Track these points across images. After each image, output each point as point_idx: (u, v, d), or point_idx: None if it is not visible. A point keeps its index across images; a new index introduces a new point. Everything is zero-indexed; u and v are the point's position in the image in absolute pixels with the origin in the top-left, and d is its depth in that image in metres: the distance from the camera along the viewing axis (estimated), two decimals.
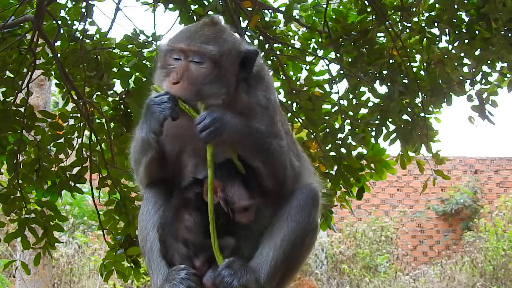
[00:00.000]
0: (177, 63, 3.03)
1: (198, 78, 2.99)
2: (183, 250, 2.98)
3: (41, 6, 5.35)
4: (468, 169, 19.33)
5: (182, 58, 3.02)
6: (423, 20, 6.48)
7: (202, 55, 3.00)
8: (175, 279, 2.92)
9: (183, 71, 2.99)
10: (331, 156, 6.48)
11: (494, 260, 16.92)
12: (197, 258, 2.98)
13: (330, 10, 6.65)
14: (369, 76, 6.40)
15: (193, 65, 3.00)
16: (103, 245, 14.72)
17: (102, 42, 6.01)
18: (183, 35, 3.06)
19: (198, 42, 3.01)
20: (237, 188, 2.98)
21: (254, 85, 3.18)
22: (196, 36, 3.03)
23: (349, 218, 17.95)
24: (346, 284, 17.00)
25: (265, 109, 3.15)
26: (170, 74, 3.02)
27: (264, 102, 3.16)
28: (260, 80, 3.21)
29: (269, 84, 3.27)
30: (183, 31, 3.12)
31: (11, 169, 5.74)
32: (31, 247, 6.03)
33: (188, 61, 3.01)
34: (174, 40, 3.07)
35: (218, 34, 3.07)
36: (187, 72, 2.99)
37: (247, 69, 3.12)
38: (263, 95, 3.19)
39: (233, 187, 2.98)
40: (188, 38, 3.03)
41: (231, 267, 2.90)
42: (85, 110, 5.97)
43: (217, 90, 3.02)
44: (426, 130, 6.36)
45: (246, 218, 3.01)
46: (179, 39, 3.06)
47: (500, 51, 5.96)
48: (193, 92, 2.97)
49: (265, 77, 3.26)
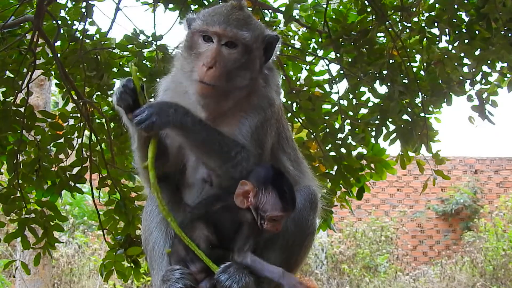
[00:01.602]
0: (208, 46, 3.02)
1: (230, 62, 2.99)
2: (182, 253, 2.97)
3: (41, 6, 5.35)
4: (468, 169, 19.32)
5: (215, 41, 3.01)
6: (423, 20, 6.47)
7: (236, 40, 3.00)
8: (171, 279, 2.92)
9: (216, 55, 2.98)
10: (331, 156, 6.48)
11: (494, 260, 16.92)
12: (194, 265, 2.95)
13: (330, 10, 6.65)
14: (369, 76, 6.40)
15: (225, 50, 3.00)
16: (103, 245, 14.72)
17: (102, 42, 6.01)
18: (217, 19, 3.03)
19: (233, 27, 3.00)
20: (270, 196, 2.90)
21: (269, 77, 3.20)
22: (230, 21, 3.02)
23: (349, 218, 17.94)
24: (346, 284, 17.00)
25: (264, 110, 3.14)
26: (201, 57, 3.00)
27: (269, 101, 3.17)
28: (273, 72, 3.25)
29: (276, 85, 3.30)
30: (216, 14, 3.07)
31: (11, 169, 5.74)
32: (31, 247, 6.03)
33: (220, 44, 3.00)
34: (208, 22, 3.03)
35: (248, 20, 3.09)
36: (219, 56, 2.98)
37: (268, 54, 3.15)
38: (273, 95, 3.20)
39: (266, 194, 2.90)
40: (223, 22, 3.00)
41: (227, 271, 2.87)
42: (85, 110, 5.96)
43: (245, 75, 3.04)
44: (426, 130, 6.36)
45: (274, 228, 2.92)
46: (213, 22, 3.02)
47: (500, 51, 5.96)
48: (224, 77, 2.98)
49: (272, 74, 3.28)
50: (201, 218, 2.99)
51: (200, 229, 2.95)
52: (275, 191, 2.89)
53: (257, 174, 2.95)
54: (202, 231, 2.94)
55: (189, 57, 3.06)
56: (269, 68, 3.25)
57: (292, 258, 3.13)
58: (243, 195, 2.92)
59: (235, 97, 3.07)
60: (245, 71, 3.04)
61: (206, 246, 2.93)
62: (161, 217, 3.13)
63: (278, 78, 3.39)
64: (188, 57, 3.07)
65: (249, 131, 3.08)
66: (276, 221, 2.91)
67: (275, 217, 2.89)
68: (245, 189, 2.91)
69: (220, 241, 2.94)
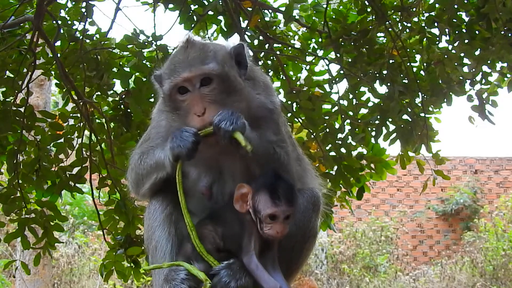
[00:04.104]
0: (186, 96, 2.97)
1: (216, 97, 2.95)
2: (189, 251, 2.95)
3: (41, 6, 5.35)
4: (468, 169, 19.32)
5: (189, 88, 2.97)
6: (423, 20, 6.48)
7: (207, 75, 2.95)
8: (175, 279, 2.88)
9: (201, 99, 2.94)
10: (331, 156, 6.48)
11: (494, 260, 16.92)
12: (198, 263, 2.92)
13: (330, 10, 6.65)
14: (369, 76, 6.40)
15: (204, 89, 2.95)
16: (103, 245, 14.72)
17: (102, 42, 6.01)
18: (180, 67, 2.98)
19: (197, 65, 2.95)
20: (263, 195, 2.87)
21: (256, 81, 3.17)
22: (191, 62, 2.97)
23: (349, 218, 17.94)
24: (346, 284, 17.00)
25: (271, 114, 3.14)
26: (188, 109, 2.96)
27: (270, 106, 3.15)
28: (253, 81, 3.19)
29: (266, 85, 3.25)
30: (176, 64, 3.02)
31: (11, 169, 5.74)
32: (31, 247, 6.03)
33: (197, 88, 2.96)
34: (174, 75, 2.98)
35: (205, 49, 3.03)
36: (204, 99, 2.94)
37: (243, 65, 3.10)
38: (267, 98, 3.17)
39: (260, 194, 2.88)
40: (186, 67, 2.96)
41: (230, 268, 2.85)
42: (85, 110, 5.96)
43: (236, 96, 3.00)
44: (426, 130, 6.36)
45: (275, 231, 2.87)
46: (178, 72, 2.97)
47: (500, 51, 5.96)
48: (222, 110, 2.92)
49: (257, 78, 3.23)
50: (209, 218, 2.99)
51: (207, 229, 2.95)
52: (268, 189, 2.88)
53: (256, 178, 2.94)
54: (210, 232, 2.94)
55: (178, 117, 3.02)
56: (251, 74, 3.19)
57: (293, 260, 3.12)
58: (241, 199, 2.91)
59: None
60: (235, 94, 2.99)
61: (212, 248, 2.92)
62: (165, 216, 3.12)
63: (265, 77, 3.33)
64: (177, 118, 3.02)
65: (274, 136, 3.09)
66: (275, 223, 2.86)
67: (270, 215, 2.85)
68: (242, 192, 2.90)
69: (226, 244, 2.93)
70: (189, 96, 2.96)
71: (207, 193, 3.11)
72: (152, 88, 3.43)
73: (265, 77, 3.33)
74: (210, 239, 2.94)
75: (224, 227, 2.94)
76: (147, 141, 3.26)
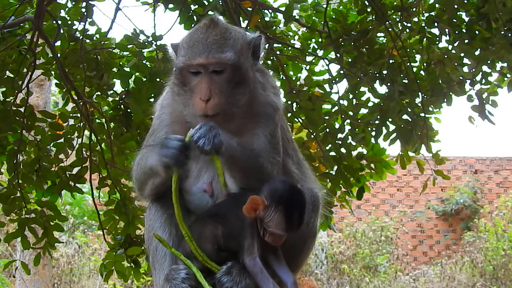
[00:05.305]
0: (197, 78, 2.98)
1: (224, 86, 2.96)
2: (188, 249, 2.95)
3: (41, 6, 5.36)
4: (468, 169, 19.32)
5: (202, 71, 2.97)
6: (423, 20, 6.47)
7: (222, 64, 2.95)
8: (176, 279, 2.90)
9: (209, 86, 2.94)
10: (331, 156, 6.48)
11: (494, 260, 16.92)
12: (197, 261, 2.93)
13: (330, 10, 6.65)
14: (369, 76, 6.40)
15: (215, 76, 2.96)
16: (103, 245, 14.72)
17: (102, 42, 6.01)
18: (197, 49, 2.97)
19: (215, 52, 2.94)
20: (278, 215, 2.85)
21: (264, 80, 3.17)
22: (209, 47, 2.96)
23: (349, 218, 17.94)
24: (346, 284, 17.00)
25: (272, 114, 3.13)
26: (195, 91, 2.97)
27: (273, 107, 3.15)
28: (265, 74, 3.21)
29: (273, 85, 3.26)
30: (195, 44, 3.00)
31: (11, 169, 5.74)
32: (31, 247, 6.03)
33: (209, 73, 2.96)
34: (190, 56, 2.98)
35: (226, 35, 3.02)
36: (213, 85, 2.94)
37: (257, 57, 3.12)
38: (272, 97, 3.17)
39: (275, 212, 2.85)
40: (203, 51, 2.95)
41: (230, 273, 2.86)
42: (85, 110, 5.96)
43: (244, 89, 3.01)
44: (426, 130, 6.35)
45: (274, 242, 2.89)
46: (194, 54, 2.97)
47: (500, 51, 5.96)
48: (225, 102, 2.95)
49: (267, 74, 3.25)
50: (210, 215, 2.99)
51: (208, 228, 2.95)
52: (284, 211, 2.85)
53: (272, 189, 2.90)
54: (211, 231, 2.94)
55: (184, 93, 3.03)
56: (260, 70, 3.21)
57: (293, 260, 3.11)
58: (252, 208, 2.88)
59: (239, 113, 3.04)
60: (243, 86, 3.00)
61: (213, 247, 2.92)
62: (166, 217, 3.12)
63: (272, 78, 3.35)
64: (183, 93, 3.03)
65: (265, 141, 3.07)
66: (278, 237, 2.88)
67: (277, 235, 2.87)
68: (255, 203, 2.87)
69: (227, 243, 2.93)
70: (200, 77, 2.97)
71: (209, 190, 3.10)
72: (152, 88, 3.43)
73: (272, 79, 3.34)
74: (211, 238, 2.94)
75: (225, 226, 2.94)
76: (152, 135, 3.26)
